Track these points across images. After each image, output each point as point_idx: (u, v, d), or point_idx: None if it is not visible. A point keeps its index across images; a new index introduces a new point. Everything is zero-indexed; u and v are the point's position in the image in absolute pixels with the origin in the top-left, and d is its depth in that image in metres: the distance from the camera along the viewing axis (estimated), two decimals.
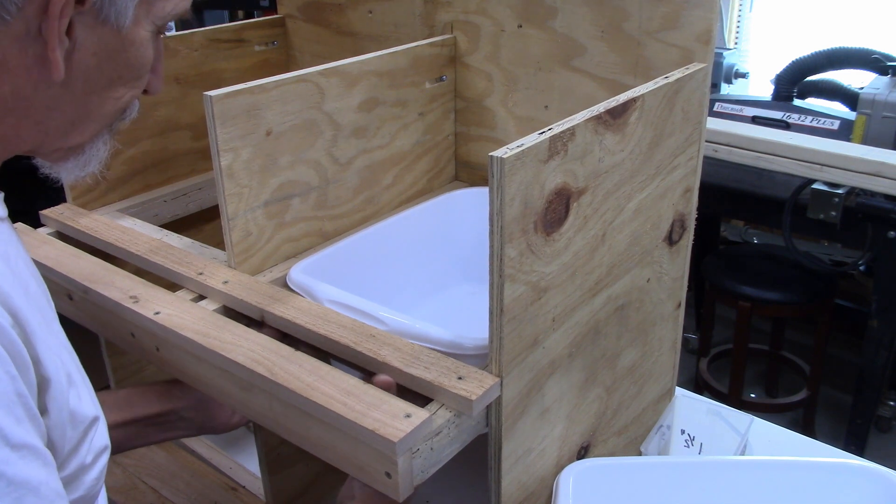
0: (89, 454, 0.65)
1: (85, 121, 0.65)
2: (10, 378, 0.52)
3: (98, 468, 0.66)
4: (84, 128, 0.65)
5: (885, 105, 2.14)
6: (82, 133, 0.66)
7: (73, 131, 0.65)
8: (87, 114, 0.64)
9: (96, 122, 0.66)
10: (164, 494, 1.08)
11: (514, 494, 0.80)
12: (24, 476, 0.51)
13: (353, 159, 1.07)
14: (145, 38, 0.64)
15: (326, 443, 0.73)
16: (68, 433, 0.61)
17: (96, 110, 0.65)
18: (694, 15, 0.92)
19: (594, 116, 0.73)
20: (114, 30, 0.61)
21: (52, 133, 0.64)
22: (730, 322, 2.45)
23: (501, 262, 0.67)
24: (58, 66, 0.58)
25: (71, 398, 0.62)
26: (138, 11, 0.62)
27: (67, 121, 0.63)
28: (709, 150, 1.98)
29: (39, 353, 0.58)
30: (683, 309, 1.06)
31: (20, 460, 0.51)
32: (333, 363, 0.81)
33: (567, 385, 0.83)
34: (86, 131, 0.66)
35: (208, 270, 0.94)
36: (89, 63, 0.61)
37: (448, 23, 1.18)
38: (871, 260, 2.03)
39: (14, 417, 0.52)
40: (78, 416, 0.63)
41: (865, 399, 2.13)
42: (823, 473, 0.85)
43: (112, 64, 0.63)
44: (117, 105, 0.66)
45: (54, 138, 0.64)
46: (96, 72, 0.62)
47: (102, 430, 0.68)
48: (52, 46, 0.57)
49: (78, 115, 0.64)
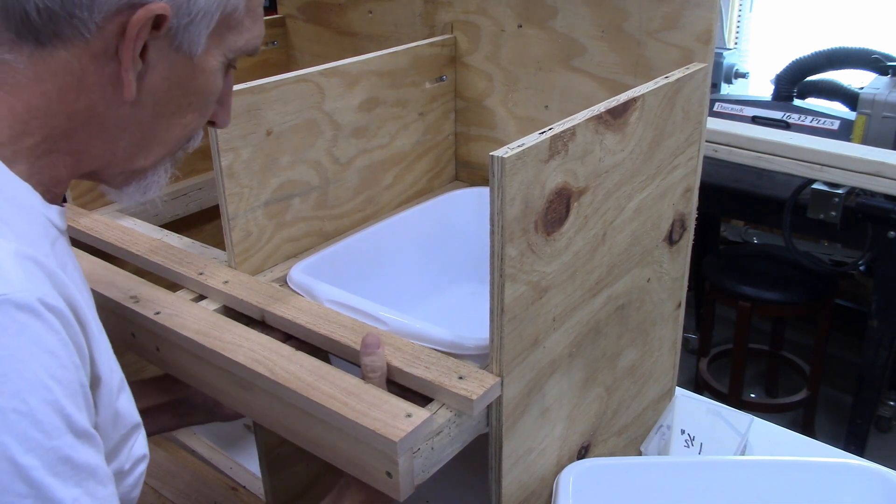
0: (128, 461, 0.67)
1: (152, 144, 0.67)
2: (75, 367, 0.55)
3: (134, 476, 0.68)
4: (150, 151, 0.68)
5: (885, 105, 2.14)
6: (147, 157, 0.68)
7: (140, 154, 0.67)
8: (154, 137, 0.67)
9: (162, 146, 0.68)
10: (164, 494, 1.08)
11: (515, 494, 0.80)
12: (85, 460, 0.55)
13: (353, 159, 1.07)
14: (215, 67, 0.66)
15: (327, 442, 0.73)
16: (110, 433, 0.64)
17: (163, 134, 0.67)
18: (694, 15, 0.92)
19: (595, 116, 0.73)
20: (186, 57, 0.63)
21: (120, 154, 0.66)
22: (730, 322, 2.45)
23: (502, 261, 0.67)
24: (129, 87, 0.61)
25: (119, 400, 0.65)
26: (210, 42, 0.64)
27: (135, 142, 0.66)
28: (709, 150, 1.98)
29: (94, 353, 0.61)
30: (683, 309, 1.06)
31: (81, 446, 0.55)
32: (333, 361, 0.81)
33: (567, 385, 0.83)
34: (150, 155, 0.68)
35: (208, 270, 0.94)
36: (160, 87, 0.63)
37: (448, 23, 1.18)
38: (871, 260, 2.03)
39: (77, 405, 0.55)
40: (121, 420, 0.66)
41: (865, 399, 2.13)
42: (823, 473, 0.85)
43: (182, 90, 0.65)
44: (184, 131, 0.68)
45: (121, 159, 0.67)
46: (166, 96, 0.64)
47: (142, 439, 0.70)
48: (125, 66, 0.60)
49: (145, 138, 0.66)
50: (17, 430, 0.50)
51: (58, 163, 0.63)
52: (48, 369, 0.53)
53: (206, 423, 1.02)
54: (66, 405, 0.53)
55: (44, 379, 0.52)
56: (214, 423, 1.22)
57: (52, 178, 0.64)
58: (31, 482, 0.51)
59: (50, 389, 0.52)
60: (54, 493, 0.52)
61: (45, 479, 0.51)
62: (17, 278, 0.53)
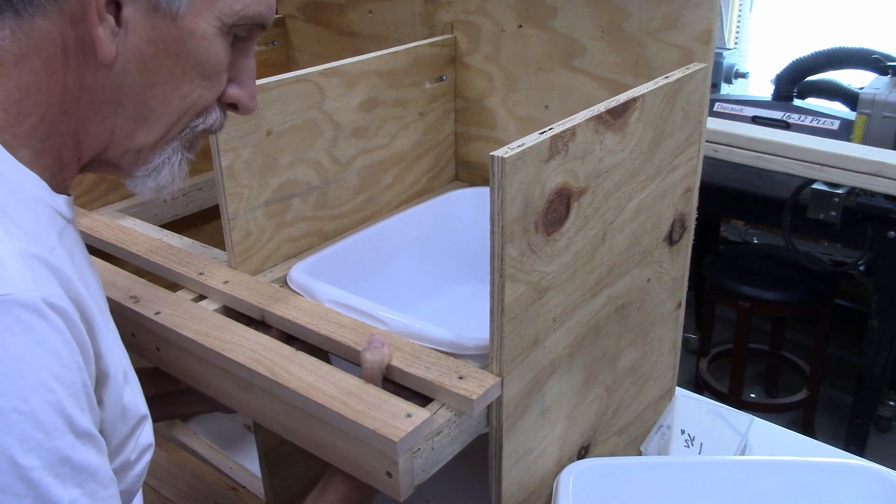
0: (135, 451, 0.67)
1: (149, 117, 0.65)
2: (78, 368, 0.55)
3: (141, 465, 0.68)
4: (149, 126, 0.65)
5: (885, 105, 2.14)
6: (147, 132, 0.65)
7: (139, 129, 0.65)
8: (150, 110, 0.64)
9: (161, 121, 0.65)
10: (164, 494, 1.08)
11: (515, 494, 0.80)
12: (85, 461, 0.55)
13: (353, 159, 1.07)
14: (208, 32, 0.63)
15: (327, 442, 0.73)
16: (119, 427, 0.64)
17: (160, 107, 0.64)
18: (694, 15, 0.92)
19: (595, 116, 0.73)
20: (168, 17, 0.61)
21: (118, 131, 0.64)
22: (730, 322, 2.45)
23: (502, 261, 0.67)
24: (103, 46, 0.59)
25: (125, 394, 0.65)
26: (197, 2, 0.62)
27: (131, 116, 0.64)
28: (709, 150, 1.98)
29: (101, 348, 0.60)
30: (683, 309, 1.06)
31: (83, 447, 0.55)
32: (333, 360, 0.81)
33: (567, 385, 0.83)
34: (151, 130, 0.65)
35: (209, 270, 0.94)
36: (145, 51, 0.61)
37: (448, 23, 1.18)
38: (871, 260, 2.03)
39: (79, 406, 0.55)
40: (129, 412, 0.65)
41: (865, 399, 2.13)
42: (823, 473, 0.85)
43: (172, 56, 0.63)
44: (183, 104, 0.65)
45: (120, 137, 0.65)
46: (154, 62, 0.62)
47: (148, 429, 0.70)
48: (92, 23, 0.58)
49: (141, 111, 0.64)
50: (18, 430, 0.50)
51: (60, 145, 0.62)
52: (51, 370, 0.53)
53: (208, 413, 1.02)
54: (68, 406, 0.53)
55: (46, 379, 0.52)
56: (215, 423, 1.22)
57: (58, 162, 0.63)
58: (31, 482, 0.51)
59: (52, 390, 0.52)
60: (52, 494, 0.52)
61: (44, 479, 0.51)
62: (22, 278, 0.53)
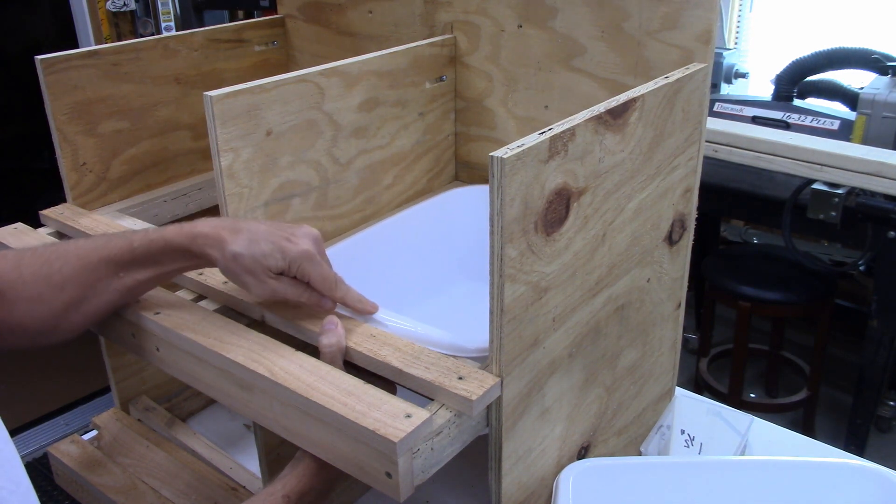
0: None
1: None
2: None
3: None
4: None
5: (885, 105, 2.14)
6: None
7: None
8: None
9: None
10: (164, 494, 1.08)
11: (515, 494, 0.80)
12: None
13: (353, 159, 1.07)
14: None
15: (326, 443, 0.73)
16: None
17: None
18: (694, 15, 0.92)
19: (594, 116, 0.73)
20: None
21: None
22: (730, 322, 2.45)
23: (502, 262, 0.67)
24: None
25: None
26: None
27: None
28: (709, 150, 1.98)
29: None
30: (683, 309, 1.06)
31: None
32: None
33: (567, 385, 0.83)
34: None
35: (208, 270, 0.94)
36: None
37: (448, 23, 1.18)
38: (871, 260, 2.03)
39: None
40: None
41: (865, 399, 2.13)
42: (823, 473, 0.85)
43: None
44: None
45: None
46: None
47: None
48: None
49: None
50: None
51: None
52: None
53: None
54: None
55: None
56: (215, 423, 1.22)
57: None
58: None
59: None
60: None
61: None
62: None
